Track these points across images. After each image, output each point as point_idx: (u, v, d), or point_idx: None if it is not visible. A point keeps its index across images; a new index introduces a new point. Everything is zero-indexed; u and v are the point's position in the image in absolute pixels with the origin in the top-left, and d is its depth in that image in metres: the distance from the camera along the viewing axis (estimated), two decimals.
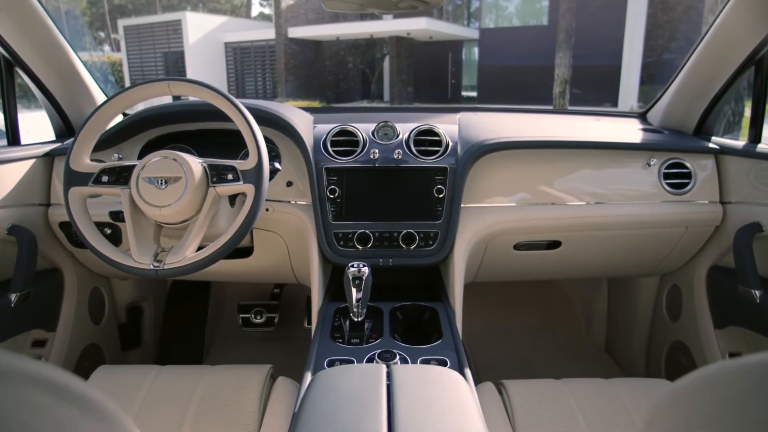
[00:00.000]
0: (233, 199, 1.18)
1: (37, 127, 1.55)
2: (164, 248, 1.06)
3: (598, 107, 11.15)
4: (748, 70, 1.28)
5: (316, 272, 1.21)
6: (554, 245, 1.39)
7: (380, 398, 0.71)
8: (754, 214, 1.27)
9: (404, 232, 1.23)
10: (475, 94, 15.90)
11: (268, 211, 1.28)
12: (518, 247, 1.37)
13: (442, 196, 1.24)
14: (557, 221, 1.32)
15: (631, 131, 1.46)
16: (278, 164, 1.29)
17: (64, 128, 1.47)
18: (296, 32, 15.64)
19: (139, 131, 1.35)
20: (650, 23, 12.40)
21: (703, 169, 1.37)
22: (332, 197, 1.24)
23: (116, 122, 1.29)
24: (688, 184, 1.35)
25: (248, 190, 1.03)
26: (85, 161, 1.08)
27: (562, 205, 1.32)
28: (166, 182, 1.01)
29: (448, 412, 0.70)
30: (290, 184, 1.30)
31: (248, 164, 1.04)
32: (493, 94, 14.69)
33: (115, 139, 1.31)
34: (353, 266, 1.01)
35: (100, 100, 1.48)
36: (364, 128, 1.31)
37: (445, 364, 0.93)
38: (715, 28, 1.25)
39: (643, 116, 1.66)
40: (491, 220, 1.28)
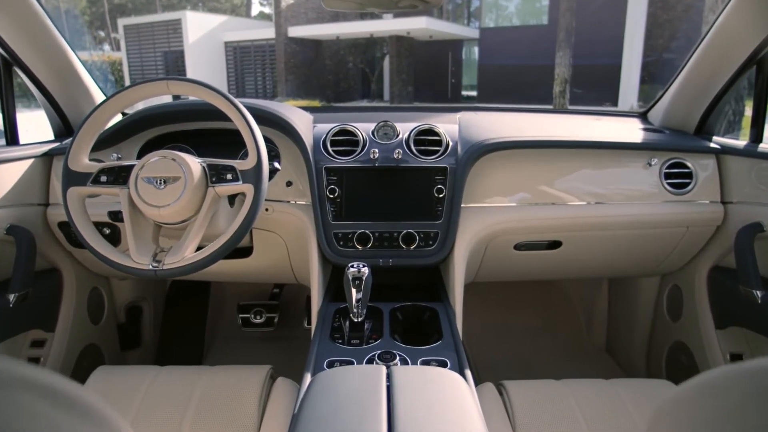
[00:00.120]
0: (233, 199, 1.18)
1: (36, 126, 1.55)
2: (163, 248, 1.05)
3: (598, 106, 11.16)
4: (749, 69, 1.28)
5: (315, 272, 1.21)
6: (555, 245, 1.38)
7: (380, 400, 0.70)
8: (755, 214, 1.27)
9: (404, 232, 1.22)
10: (475, 93, 15.90)
11: (267, 211, 1.28)
12: (519, 247, 1.37)
13: (442, 196, 1.23)
14: (558, 221, 1.31)
15: (631, 131, 1.45)
16: (278, 164, 1.29)
17: (62, 128, 1.47)
18: (296, 31, 15.64)
19: (138, 131, 1.34)
20: (650, 22, 12.40)
21: (704, 168, 1.36)
22: (332, 197, 1.23)
23: (115, 122, 1.28)
24: (689, 184, 1.35)
25: (248, 190, 1.03)
26: (83, 161, 1.07)
27: (562, 205, 1.32)
28: (165, 182, 1.01)
29: (448, 413, 0.70)
30: (290, 183, 1.30)
31: (247, 164, 1.04)
32: (493, 93, 14.69)
33: (114, 138, 1.30)
34: (353, 266, 1.01)
35: (98, 99, 1.47)
36: (364, 128, 1.30)
37: (445, 364, 0.93)
38: (716, 27, 1.24)
39: (643, 116, 1.66)
40: (491, 220, 1.28)
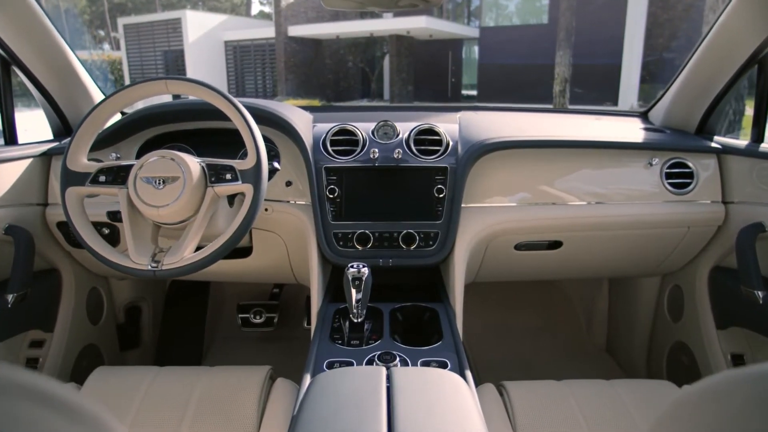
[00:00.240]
0: (232, 198, 1.17)
1: (35, 126, 1.54)
2: (162, 248, 1.05)
3: (598, 106, 11.15)
4: (751, 69, 1.27)
5: (315, 273, 1.20)
6: (555, 245, 1.38)
7: (380, 401, 0.70)
8: (756, 214, 1.26)
9: (404, 232, 1.22)
10: (475, 92, 15.89)
11: (267, 211, 1.27)
12: (519, 247, 1.37)
13: (442, 195, 1.23)
14: (558, 221, 1.31)
15: (632, 130, 1.45)
16: (277, 164, 1.28)
17: (61, 127, 1.46)
18: (296, 31, 15.62)
19: (137, 130, 1.34)
20: (650, 22, 12.39)
21: (705, 168, 1.36)
22: (332, 197, 1.23)
23: (114, 121, 1.28)
24: (690, 183, 1.34)
25: (247, 190, 1.02)
26: (82, 161, 1.07)
27: (563, 205, 1.31)
28: (163, 182, 1.01)
29: (448, 414, 0.69)
30: (289, 183, 1.29)
31: (247, 164, 1.03)
32: (493, 92, 14.68)
33: (112, 138, 1.30)
34: (353, 267, 1.01)
35: (97, 98, 1.47)
36: (363, 127, 1.30)
37: (445, 365, 0.93)
38: (717, 26, 1.24)
39: (644, 115, 1.65)
40: (492, 220, 1.27)
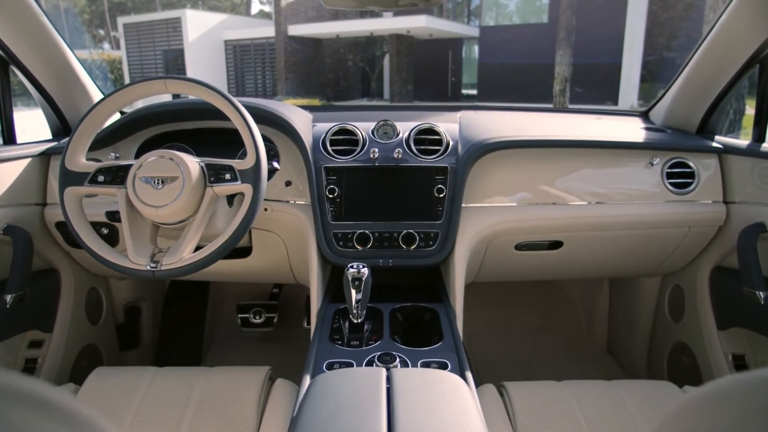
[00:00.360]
0: (231, 198, 1.17)
1: (33, 125, 1.54)
2: (161, 249, 1.04)
3: (598, 105, 11.15)
4: (752, 68, 1.27)
5: (315, 273, 1.20)
6: (556, 245, 1.37)
7: (380, 402, 0.70)
8: (758, 214, 1.26)
9: (404, 232, 1.21)
10: (475, 92, 15.89)
11: (266, 210, 1.27)
12: (519, 247, 1.36)
13: (442, 195, 1.22)
14: (559, 221, 1.31)
15: (633, 130, 1.44)
16: (277, 163, 1.28)
17: (60, 127, 1.46)
18: (296, 30, 15.62)
19: (136, 130, 1.33)
20: (651, 21, 12.38)
21: (706, 168, 1.35)
22: (331, 197, 1.22)
23: (113, 121, 1.27)
24: (691, 183, 1.34)
25: (246, 189, 1.02)
26: (80, 161, 1.06)
27: (563, 205, 1.31)
28: (162, 182, 1.00)
29: (448, 416, 0.69)
30: (289, 183, 1.29)
31: (246, 164, 1.03)
32: (493, 92, 14.67)
33: (111, 138, 1.29)
34: (353, 267, 1.00)
35: (96, 98, 1.46)
36: (363, 127, 1.29)
37: (445, 366, 0.93)
38: (718, 26, 1.23)
39: (645, 115, 1.65)
40: (492, 220, 1.27)
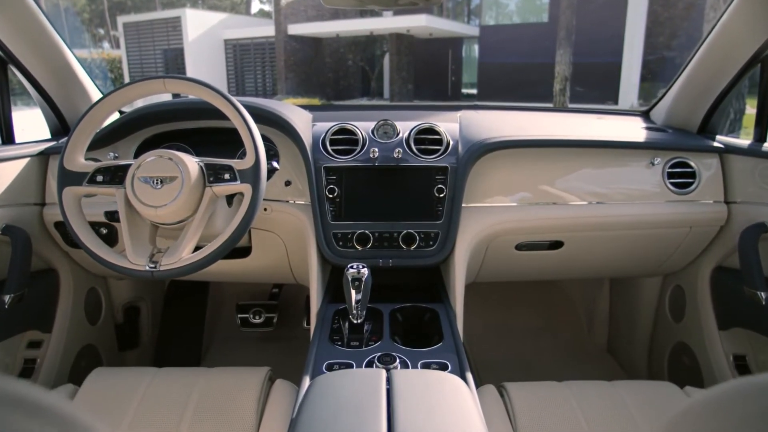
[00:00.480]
0: (231, 198, 1.16)
1: (33, 125, 1.53)
2: (160, 249, 1.04)
3: (598, 104, 11.13)
4: (753, 68, 1.26)
5: (314, 273, 1.20)
6: (556, 245, 1.37)
7: (380, 404, 0.69)
8: (759, 214, 1.25)
9: (404, 232, 1.21)
10: (475, 91, 15.88)
11: (266, 210, 1.26)
12: (520, 247, 1.36)
13: (442, 195, 1.22)
14: (559, 221, 1.30)
15: (634, 130, 1.44)
16: (276, 163, 1.28)
17: (59, 126, 1.45)
18: (296, 29, 15.60)
19: (135, 129, 1.33)
20: (651, 20, 12.37)
21: (707, 168, 1.35)
22: (331, 197, 1.22)
23: (112, 120, 1.27)
24: (692, 183, 1.33)
25: (246, 189, 1.01)
26: (79, 160, 1.06)
27: (564, 204, 1.30)
28: (161, 182, 1.00)
29: (448, 417, 0.69)
30: (289, 183, 1.28)
31: (246, 163, 1.02)
32: (493, 91, 14.66)
33: (110, 137, 1.29)
34: (352, 267, 1.00)
35: (95, 97, 1.46)
36: (363, 127, 1.29)
37: (446, 367, 0.92)
38: (719, 25, 1.23)
39: (646, 114, 1.64)
40: (492, 220, 1.27)
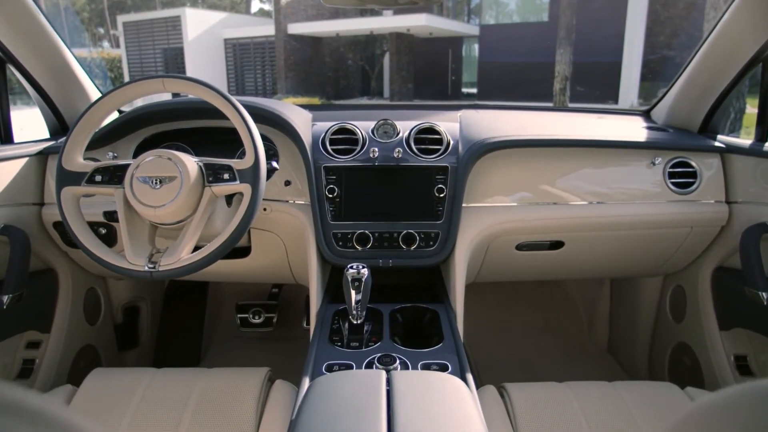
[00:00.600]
0: (230, 198, 1.16)
1: (32, 125, 1.53)
2: (159, 249, 1.04)
3: (599, 104, 11.13)
4: (755, 68, 1.26)
5: (314, 273, 1.19)
6: (557, 245, 1.37)
7: (380, 405, 0.69)
8: (760, 214, 1.25)
9: (404, 232, 1.20)
10: (475, 90, 15.87)
11: (265, 210, 1.26)
12: (520, 247, 1.35)
13: (443, 195, 1.21)
14: (560, 221, 1.30)
15: (635, 129, 1.43)
16: (276, 163, 1.27)
17: (58, 126, 1.45)
18: (296, 28, 15.59)
19: (134, 129, 1.32)
20: (651, 20, 12.36)
21: (708, 168, 1.35)
22: (331, 197, 1.21)
23: (111, 120, 1.26)
24: (693, 183, 1.33)
25: (245, 189, 1.01)
26: (77, 160, 1.05)
27: (564, 204, 1.30)
28: (160, 182, 0.99)
29: (449, 419, 0.68)
30: (288, 183, 1.28)
31: (245, 163, 1.02)
32: (493, 90, 14.66)
33: (109, 137, 1.28)
34: (352, 267, 0.99)
35: (94, 97, 1.45)
36: (363, 126, 1.28)
37: (446, 368, 0.92)
38: (721, 25, 1.22)
39: (646, 114, 1.64)
40: (493, 220, 1.26)
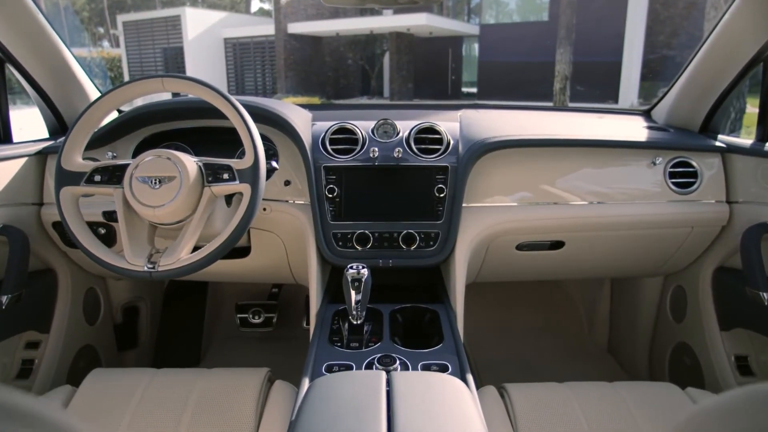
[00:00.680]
0: (230, 198, 1.16)
1: (31, 124, 1.52)
2: (159, 249, 1.03)
3: (599, 103, 11.13)
4: (755, 67, 1.26)
5: (314, 273, 1.19)
6: (557, 245, 1.36)
7: (380, 406, 0.69)
8: (761, 214, 1.25)
9: (404, 232, 1.20)
10: (475, 90, 15.87)
11: (265, 210, 1.26)
12: (521, 247, 1.35)
13: (443, 195, 1.21)
14: (560, 221, 1.30)
15: (635, 129, 1.43)
16: (276, 163, 1.27)
17: (57, 126, 1.44)
18: (296, 28, 15.59)
19: (133, 129, 1.32)
20: (651, 19, 12.36)
21: (709, 167, 1.34)
22: (331, 197, 1.21)
23: (110, 119, 1.26)
24: (694, 183, 1.33)
25: (245, 189, 1.01)
26: (77, 160, 1.05)
27: (565, 204, 1.30)
28: (160, 182, 0.99)
29: (449, 420, 0.68)
30: (288, 183, 1.28)
31: (245, 163, 1.01)
32: (493, 90, 14.66)
33: (109, 137, 1.28)
34: (352, 267, 0.99)
35: (93, 97, 1.45)
36: (363, 126, 1.28)
37: (446, 368, 0.92)
38: (721, 24, 1.22)
39: (647, 114, 1.63)
40: (493, 220, 1.26)
